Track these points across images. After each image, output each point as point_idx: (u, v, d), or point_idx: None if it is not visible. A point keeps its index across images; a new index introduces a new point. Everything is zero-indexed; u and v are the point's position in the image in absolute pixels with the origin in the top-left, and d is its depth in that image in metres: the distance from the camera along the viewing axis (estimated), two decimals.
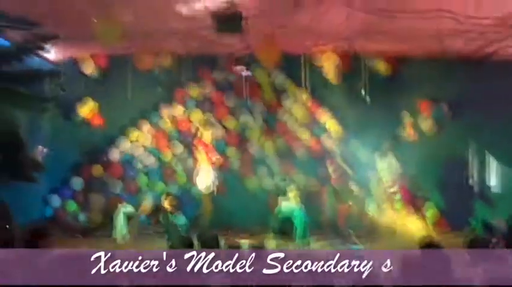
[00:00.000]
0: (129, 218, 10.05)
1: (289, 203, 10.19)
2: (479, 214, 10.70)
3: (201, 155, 10.09)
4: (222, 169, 11.13)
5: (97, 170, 11.59)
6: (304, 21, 8.91)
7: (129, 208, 10.11)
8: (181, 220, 9.19)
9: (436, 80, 10.58)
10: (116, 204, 10.55)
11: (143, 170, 11.75)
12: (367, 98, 9.99)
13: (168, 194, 9.82)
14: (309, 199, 10.76)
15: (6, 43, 8.57)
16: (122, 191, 11.61)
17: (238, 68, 9.48)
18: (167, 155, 11.74)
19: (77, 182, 11.49)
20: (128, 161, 11.71)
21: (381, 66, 11.23)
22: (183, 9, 8.34)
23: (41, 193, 11.12)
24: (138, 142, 11.75)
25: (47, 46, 8.83)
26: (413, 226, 10.25)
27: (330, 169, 10.83)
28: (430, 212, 10.98)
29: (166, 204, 9.76)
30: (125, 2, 8.00)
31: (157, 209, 9.85)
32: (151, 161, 11.74)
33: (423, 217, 10.82)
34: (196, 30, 9.27)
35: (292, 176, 11.34)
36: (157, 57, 10.97)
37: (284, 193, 10.37)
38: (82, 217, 11.30)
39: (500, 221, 9.24)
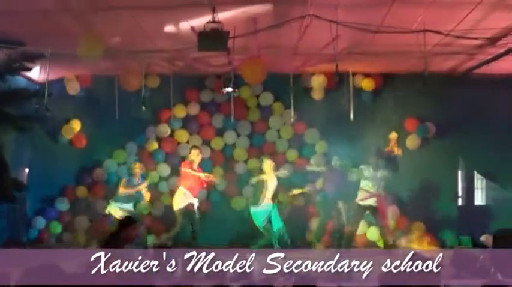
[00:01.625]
0: None
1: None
2: (465, 231, 10.67)
3: (184, 177, 10.10)
4: (207, 188, 11.08)
5: (82, 191, 11.48)
6: (290, 42, 8.97)
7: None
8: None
9: (420, 97, 10.54)
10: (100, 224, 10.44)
11: None
12: (351, 115, 9.99)
13: None
14: (294, 215, 11.00)
15: None
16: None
17: (226, 88, 9.45)
18: (153, 176, 11.64)
19: (62, 203, 11.36)
20: (114, 182, 11.60)
21: (367, 84, 11.31)
22: (170, 30, 8.38)
23: (26, 215, 11.03)
24: (123, 163, 11.66)
25: (32, 66, 8.76)
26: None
27: (312, 187, 10.83)
28: (415, 227, 10.84)
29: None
30: (111, 22, 7.99)
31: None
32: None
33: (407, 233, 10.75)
34: (182, 51, 9.29)
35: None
36: (144, 77, 10.88)
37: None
38: (66, 238, 11.17)
39: (487, 237, 9.25)
